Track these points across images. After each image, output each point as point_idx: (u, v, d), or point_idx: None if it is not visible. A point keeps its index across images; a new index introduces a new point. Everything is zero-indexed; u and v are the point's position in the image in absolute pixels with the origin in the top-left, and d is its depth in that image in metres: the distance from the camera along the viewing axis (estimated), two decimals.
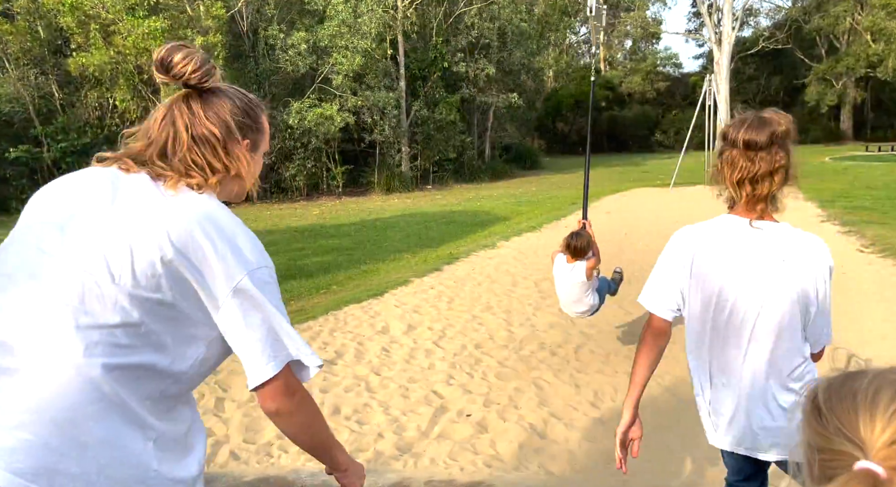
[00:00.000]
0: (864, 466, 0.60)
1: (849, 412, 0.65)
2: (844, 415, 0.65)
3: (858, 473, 0.60)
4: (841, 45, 34.90)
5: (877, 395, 0.64)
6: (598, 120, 41.49)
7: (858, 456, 0.62)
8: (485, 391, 4.36)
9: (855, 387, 0.66)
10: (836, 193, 14.90)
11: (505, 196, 20.26)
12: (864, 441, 0.62)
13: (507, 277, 7.92)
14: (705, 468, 3.32)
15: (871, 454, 0.61)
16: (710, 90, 18.25)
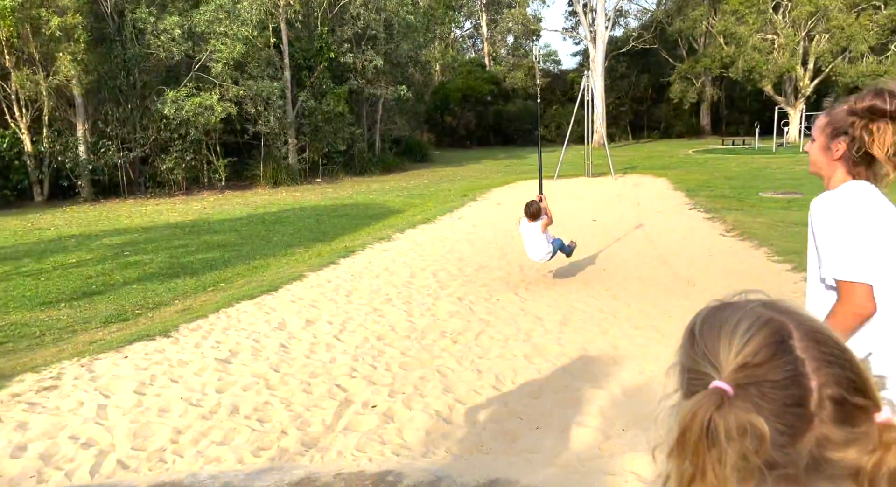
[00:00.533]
0: (715, 385, 0.69)
1: (714, 339, 0.74)
2: (710, 342, 0.74)
3: (711, 390, 0.69)
4: (699, 47, 38.03)
5: (737, 326, 0.72)
6: (484, 114, 42.45)
7: (715, 377, 0.70)
8: (389, 381, 4.35)
9: (724, 317, 0.75)
10: (700, 183, 16.25)
11: (397, 189, 20.25)
12: (720, 363, 0.71)
13: (405, 269, 7.94)
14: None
15: (724, 375, 0.70)
16: (588, 86, 19.21)
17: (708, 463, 0.67)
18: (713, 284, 6.60)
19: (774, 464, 0.68)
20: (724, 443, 0.67)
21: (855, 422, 0.68)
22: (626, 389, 4.14)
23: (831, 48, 28.67)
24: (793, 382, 0.69)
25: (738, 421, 0.67)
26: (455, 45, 49.48)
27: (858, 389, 0.69)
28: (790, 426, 0.68)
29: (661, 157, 27.32)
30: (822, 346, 0.70)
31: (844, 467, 0.69)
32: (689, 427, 0.69)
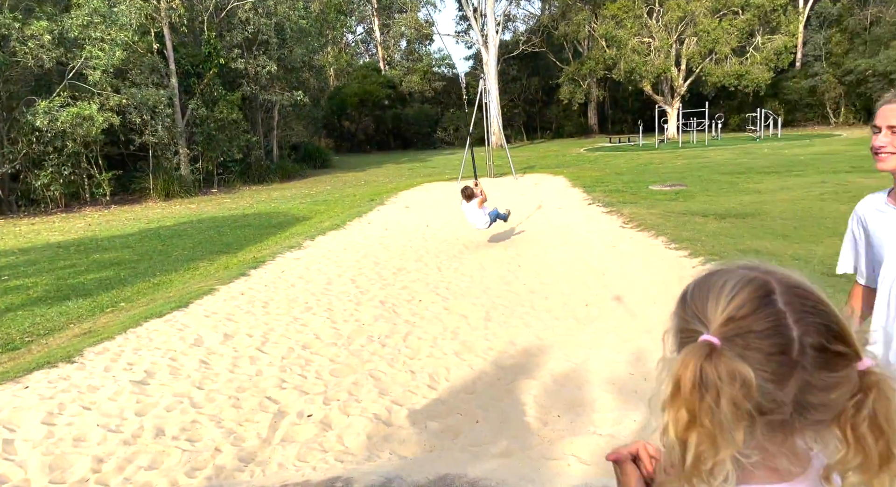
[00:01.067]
0: (704, 338, 0.76)
1: (703, 299, 0.81)
2: (699, 302, 0.81)
3: (700, 343, 0.76)
4: (584, 50, 40.07)
5: (724, 286, 0.80)
6: (383, 118, 42.38)
7: (703, 332, 0.77)
8: (321, 389, 4.26)
9: (712, 281, 0.82)
10: (595, 179, 17.08)
11: (300, 196, 19.77)
12: (708, 320, 0.78)
13: (320, 276, 7.77)
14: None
15: (711, 329, 0.77)
16: (484, 89, 19.67)
17: (702, 410, 0.73)
18: (622, 273, 6.97)
19: (763, 410, 0.74)
20: (715, 391, 0.72)
21: (835, 368, 0.75)
22: (555, 377, 4.30)
23: (700, 50, 31.13)
24: (775, 332, 0.75)
25: (727, 369, 0.73)
26: (348, 49, 49.07)
27: (838, 337, 0.75)
28: (775, 373, 0.74)
29: (556, 156, 28.46)
30: (803, 299, 0.77)
31: (827, 410, 0.76)
32: (682, 376, 0.75)
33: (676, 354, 0.82)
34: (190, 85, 22.81)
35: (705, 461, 0.74)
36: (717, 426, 0.73)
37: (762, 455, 0.79)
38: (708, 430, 0.73)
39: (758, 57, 32.01)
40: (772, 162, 18.94)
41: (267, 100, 25.37)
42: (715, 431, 0.73)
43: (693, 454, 0.74)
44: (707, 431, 0.73)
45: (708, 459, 0.74)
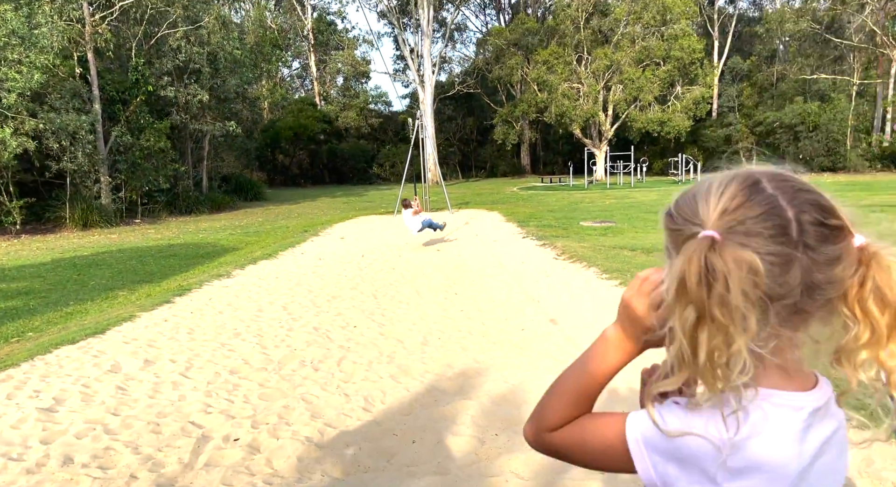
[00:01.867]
0: (704, 233, 0.76)
1: (691, 204, 0.81)
2: (687, 208, 0.81)
3: (700, 238, 0.75)
4: (517, 93, 41.49)
5: (710, 186, 0.81)
6: (318, 152, 42.10)
7: (700, 231, 0.77)
8: (250, 413, 4.05)
9: (694, 189, 0.83)
10: (528, 215, 17.47)
11: (230, 227, 19.18)
12: (703, 219, 0.78)
13: (250, 304, 7.50)
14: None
15: (708, 226, 0.77)
16: (421, 125, 19.94)
17: (712, 302, 0.72)
18: (557, 300, 7.08)
19: (774, 295, 0.74)
20: (724, 280, 0.71)
21: (835, 240, 0.76)
22: (493, 398, 4.26)
23: (625, 97, 32.84)
24: (772, 214, 0.75)
25: (733, 257, 0.72)
26: (284, 84, 48.84)
27: (830, 212, 0.77)
28: (779, 255, 0.74)
29: (490, 194, 29.00)
30: (789, 182, 0.79)
31: (834, 287, 0.77)
32: (687, 271, 0.73)
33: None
34: (115, 111, 21.97)
35: (720, 355, 0.73)
36: (728, 316, 0.72)
37: (776, 347, 0.78)
38: (719, 323, 0.72)
39: (678, 105, 34.07)
40: None
41: (197, 129, 24.75)
42: (727, 322, 0.72)
43: (706, 350, 0.72)
44: (718, 324, 0.72)
45: (722, 353, 0.73)
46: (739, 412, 0.76)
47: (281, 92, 43.48)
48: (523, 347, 5.41)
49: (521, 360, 5.04)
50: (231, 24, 24.60)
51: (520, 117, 38.56)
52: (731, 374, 0.73)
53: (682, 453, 0.79)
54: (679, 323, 0.74)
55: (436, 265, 9.87)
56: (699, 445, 0.78)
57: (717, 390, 0.75)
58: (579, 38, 33.52)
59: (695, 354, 0.73)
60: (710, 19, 42.20)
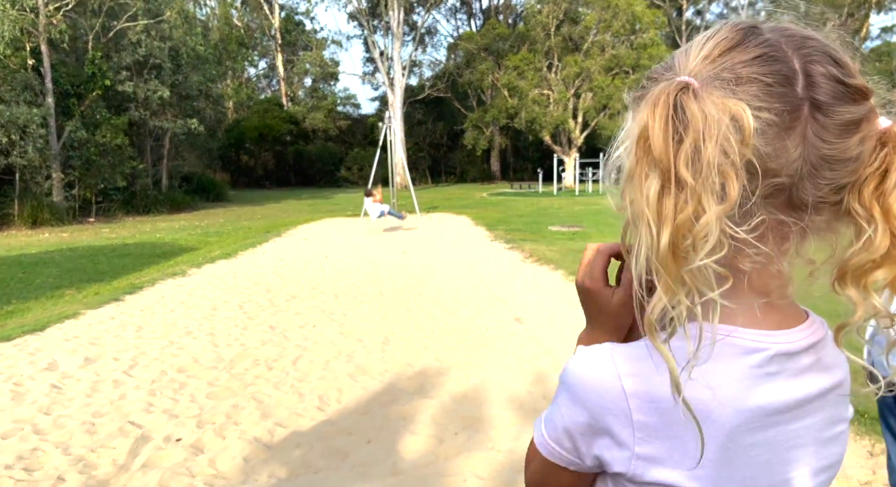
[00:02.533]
0: (678, 79, 0.57)
1: (665, 67, 0.63)
2: (661, 73, 0.63)
3: (672, 81, 0.57)
4: (487, 98, 41.57)
5: (689, 45, 0.63)
6: (284, 154, 41.46)
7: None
8: (195, 412, 3.80)
9: (667, 59, 0.65)
10: (497, 220, 17.40)
11: (189, 227, 18.64)
12: (678, 69, 0.60)
13: (205, 302, 7.19)
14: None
15: (684, 73, 0.59)
16: (390, 128, 19.72)
17: (679, 160, 0.53)
18: (523, 301, 6.96)
19: (765, 169, 0.56)
20: (699, 129, 0.53)
21: (855, 101, 0.57)
22: (454, 396, 4.10)
23: (595, 105, 33.15)
24: (772, 59, 0.57)
25: (714, 103, 0.54)
26: (250, 83, 48.04)
27: (849, 68, 0.58)
28: (776, 113, 0.56)
29: (460, 199, 28.91)
30: (795, 31, 0.60)
31: (846, 169, 0.58)
32: (651, 119, 0.54)
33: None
34: (69, 106, 21.20)
35: (685, 233, 0.53)
36: (699, 178, 0.52)
37: (756, 260, 0.59)
38: (688, 187, 0.53)
39: None
40: None
41: (158, 126, 24.05)
42: (698, 188, 0.52)
43: (670, 226, 0.53)
44: (689, 190, 0.53)
45: (688, 231, 0.53)
46: (674, 338, 0.56)
47: (247, 91, 42.72)
48: (487, 346, 5.26)
49: (485, 359, 4.89)
50: (194, 19, 23.97)
51: (490, 123, 38.60)
52: (696, 256, 0.53)
53: (587, 405, 0.62)
54: (638, 192, 0.55)
55: (401, 266, 9.69)
56: (603, 388, 0.61)
57: (677, 287, 0.54)
58: (550, 45, 33.76)
59: (658, 232, 0.54)
60: (678, 30, 43.04)
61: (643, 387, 0.60)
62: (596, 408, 0.62)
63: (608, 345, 0.64)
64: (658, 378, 0.59)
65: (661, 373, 0.59)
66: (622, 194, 0.59)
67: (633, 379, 0.61)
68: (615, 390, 0.61)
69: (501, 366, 4.67)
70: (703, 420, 0.58)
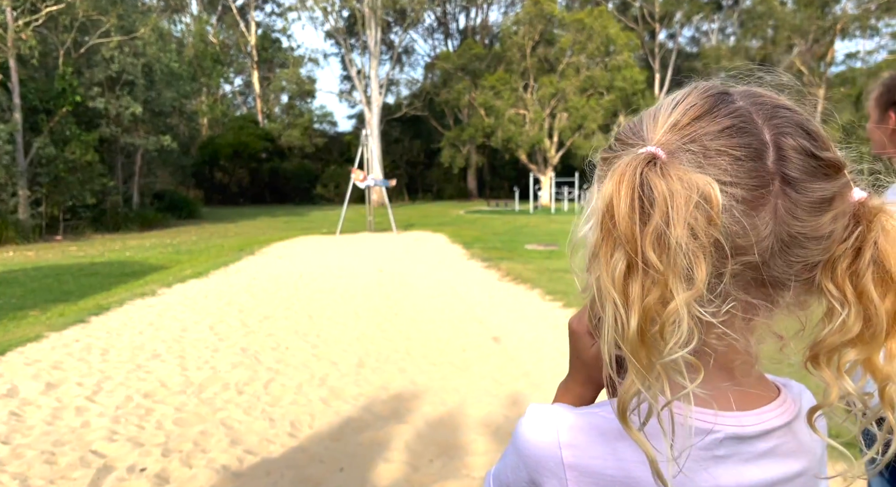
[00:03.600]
0: (643, 150, 0.54)
1: (632, 125, 0.61)
2: (627, 130, 0.61)
3: (638, 154, 0.54)
4: (464, 117, 41.90)
5: (657, 108, 0.60)
6: (259, 171, 41.14)
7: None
8: (161, 440, 3.66)
9: (635, 121, 0.62)
10: (473, 238, 17.42)
11: (160, 245, 18.30)
12: (645, 137, 0.58)
13: (174, 323, 7.02)
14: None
15: (651, 143, 0.56)
16: (367, 145, 19.69)
17: (646, 240, 0.50)
18: (500, 321, 6.92)
19: (735, 248, 0.53)
20: (665, 207, 0.50)
21: (826, 179, 0.55)
22: (429, 422, 4.02)
23: (570, 125, 33.61)
24: (741, 131, 0.54)
25: (680, 179, 0.51)
26: (225, 100, 47.72)
27: (821, 141, 0.55)
28: (745, 186, 0.53)
29: (437, 216, 28.94)
30: (766, 99, 0.57)
31: (819, 247, 0.55)
32: (615, 194, 0.51)
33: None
34: (37, 122, 20.79)
35: (653, 318, 0.50)
36: (666, 260, 0.50)
37: (723, 337, 0.56)
38: (655, 269, 0.50)
39: None
40: None
41: (129, 143, 23.69)
42: (664, 269, 0.50)
43: (638, 310, 0.50)
44: (653, 271, 0.50)
45: (657, 315, 0.50)
46: (679, 416, 0.54)
47: (221, 108, 42.38)
48: (464, 368, 5.20)
49: (461, 382, 4.82)
50: (169, 35, 23.80)
51: (467, 141, 38.85)
52: (664, 346, 0.50)
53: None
54: (605, 271, 0.52)
55: (377, 286, 9.60)
56: (543, 455, 0.59)
57: (647, 374, 0.51)
58: (525, 66, 34.23)
59: (626, 317, 0.51)
60: (651, 52, 43.99)
61: (582, 461, 0.58)
62: (535, 474, 0.60)
63: (559, 409, 0.62)
64: (597, 450, 0.58)
65: (602, 445, 0.57)
66: (587, 269, 0.56)
67: (573, 451, 0.58)
68: (555, 459, 0.59)
69: (478, 390, 4.61)
70: None
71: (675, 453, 0.52)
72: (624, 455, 0.57)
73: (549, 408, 0.62)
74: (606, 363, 0.55)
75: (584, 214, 0.58)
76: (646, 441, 0.52)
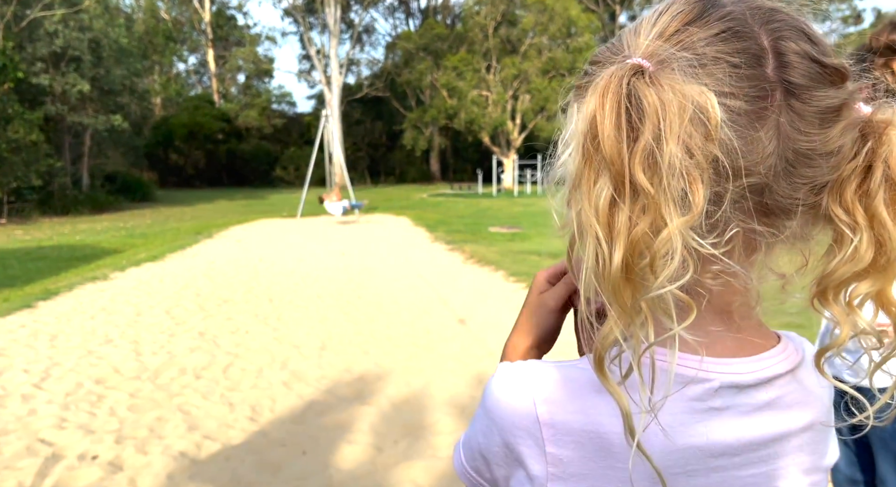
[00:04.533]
0: (629, 61, 0.47)
1: (610, 50, 0.53)
2: (607, 57, 0.53)
3: (623, 65, 0.46)
4: (426, 98, 41.52)
5: (637, 22, 0.53)
6: (216, 152, 40.10)
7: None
8: (115, 427, 3.53)
9: (613, 40, 0.55)
10: (437, 221, 17.35)
11: (112, 229, 17.69)
12: (628, 50, 0.51)
13: (128, 308, 6.78)
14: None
15: (637, 54, 0.49)
16: (327, 127, 19.34)
17: (635, 161, 0.43)
18: (464, 302, 6.91)
19: (734, 168, 0.46)
20: (657, 121, 0.43)
21: (833, 83, 0.49)
22: (394, 403, 3.98)
23: (533, 107, 33.67)
24: (737, 35, 0.48)
25: (674, 90, 0.44)
26: (179, 79, 46.18)
27: (823, 46, 0.49)
28: (745, 97, 0.47)
29: (399, 199, 28.74)
30: (760, 2, 0.50)
31: (827, 165, 0.49)
32: (600, 110, 0.45)
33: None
34: None
35: (642, 250, 0.44)
36: (658, 183, 0.43)
37: (727, 262, 0.49)
38: (645, 194, 0.43)
39: None
40: None
41: (77, 122, 22.74)
42: (657, 195, 0.43)
43: (623, 242, 0.44)
44: (644, 197, 0.43)
45: (646, 247, 0.44)
46: (661, 362, 0.48)
47: (175, 87, 40.98)
48: (429, 349, 5.16)
49: (426, 363, 4.78)
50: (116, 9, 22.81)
51: (429, 123, 38.57)
52: (655, 279, 0.44)
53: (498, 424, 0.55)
54: (587, 201, 0.45)
55: (340, 269, 9.47)
56: (516, 413, 0.54)
57: (631, 317, 0.45)
58: (488, 47, 34.05)
59: (609, 251, 0.44)
60: (612, 33, 44.30)
61: (559, 416, 0.52)
62: (509, 436, 0.54)
63: (533, 364, 0.56)
64: (575, 404, 0.52)
65: (581, 399, 0.52)
66: (567, 203, 0.49)
67: (549, 407, 0.52)
68: (530, 417, 0.53)
69: (443, 370, 4.58)
70: (616, 451, 0.51)
71: (652, 404, 0.46)
72: (602, 409, 0.51)
73: (521, 364, 0.56)
74: (583, 311, 0.48)
75: (563, 139, 0.51)
76: (621, 393, 0.46)
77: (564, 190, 0.49)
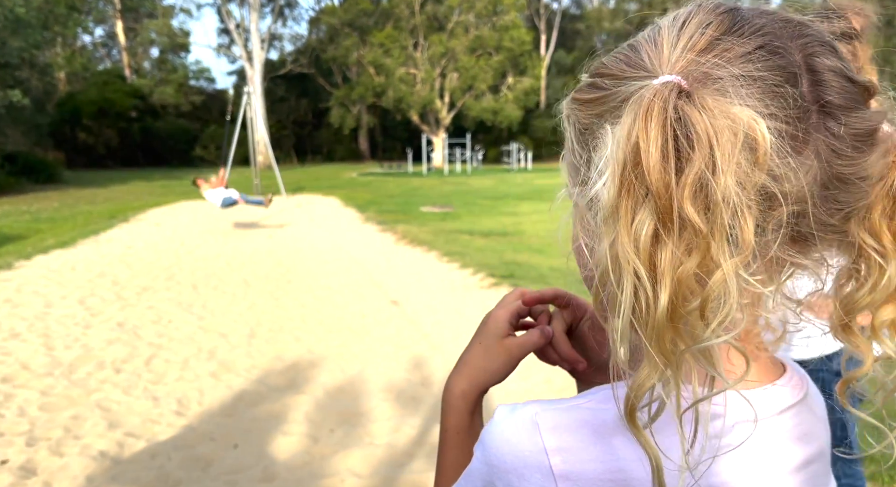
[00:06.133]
0: (662, 79, 0.43)
1: (625, 57, 0.49)
2: (620, 63, 0.48)
3: (660, 85, 0.42)
4: (353, 76, 40.65)
5: (652, 32, 0.49)
6: (129, 131, 37.88)
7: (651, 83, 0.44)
8: (25, 428, 3.30)
9: (624, 51, 0.50)
10: (368, 201, 17.15)
11: (14, 213, 16.45)
12: (654, 66, 0.46)
13: (36, 299, 6.33)
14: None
15: (665, 71, 0.45)
16: (249, 105, 18.59)
17: (684, 197, 0.39)
18: (398, 284, 6.86)
19: (781, 195, 0.43)
20: (710, 148, 0.39)
21: (865, 102, 0.46)
22: (328, 390, 3.91)
23: (461, 85, 33.65)
24: (774, 52, 0.44)
25: (723, 113, 0.41)
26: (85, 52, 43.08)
27: (852, 67, 0.47)
28: (786, 117, 0.43)
29: (328, 179, 28.19)
30: (786, 15, 0.47)
31: (862, 190, 0.47)
32: (644, 133, 0.40)
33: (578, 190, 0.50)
34: None
35: (687, 294, 0.40)
36: (711, 219, 0.39)
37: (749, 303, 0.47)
38: (696, 233, 0.39)
39: (510, 96, 35.62)
40: (525, 190, 20.93)
41: None
42: (709, 232, 0.39)
43: (669, 282, 0.40)
44: (694, 235, 0.40)
45: (690, 289, 0.40)
46: (701, 407, 0.43)
47: (81, 61, 38.20)
48: (363, 334, 5.10)
49: (361, 348, 4.73)
50: None
51: (357, 101, 37.86)
52: (705, 328, 0.40)
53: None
54: (625, 236, 0.41)
55: (267, 252, 9.19)
56: (525, 466, 0.49)
57: (670, 363, 0.41)
58: (415, 23, 33.64)
59: (654, 293, 0.40)
60: (537, 13, 44.67)
61: (576, 467, 0.48)
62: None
63: (535, 407, 0.51)
64: (592, 451, 0.48)
65: (596, 444, 0.47)
66: (597, 235, 0.45)
67: (563, 456, 0.48)
68: (541, 469, 0.48)
69: (378, 355, 4.53)
70: None
71: (690, 459, 0.42)
72: (624, 454, 0.47)
73: (521, 409, 0.51)
74: (616, 351, 0.43)
75: (595, 166, 0.45)
76: (654, 446, 0.43)
77: (587, 216, 0.47)
